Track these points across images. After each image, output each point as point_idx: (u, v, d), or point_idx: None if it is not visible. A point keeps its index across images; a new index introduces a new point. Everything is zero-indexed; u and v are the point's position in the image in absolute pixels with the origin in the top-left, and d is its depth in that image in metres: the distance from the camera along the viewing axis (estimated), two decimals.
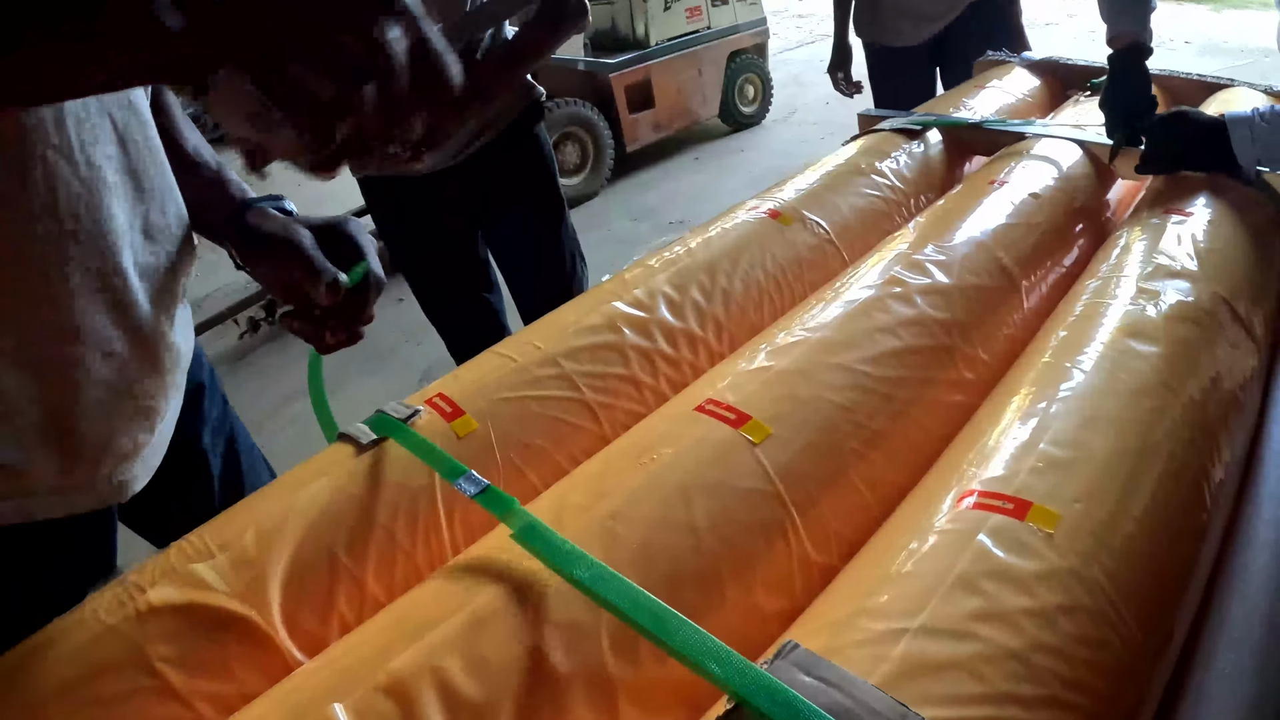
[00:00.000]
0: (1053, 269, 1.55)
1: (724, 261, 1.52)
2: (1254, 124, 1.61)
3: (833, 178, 1.80)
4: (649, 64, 6.15)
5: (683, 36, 6.36)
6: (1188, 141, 1.69)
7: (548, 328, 1.36)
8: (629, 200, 5.94)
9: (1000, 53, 2.82)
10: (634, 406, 1.27)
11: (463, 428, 1.16)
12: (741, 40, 6.76)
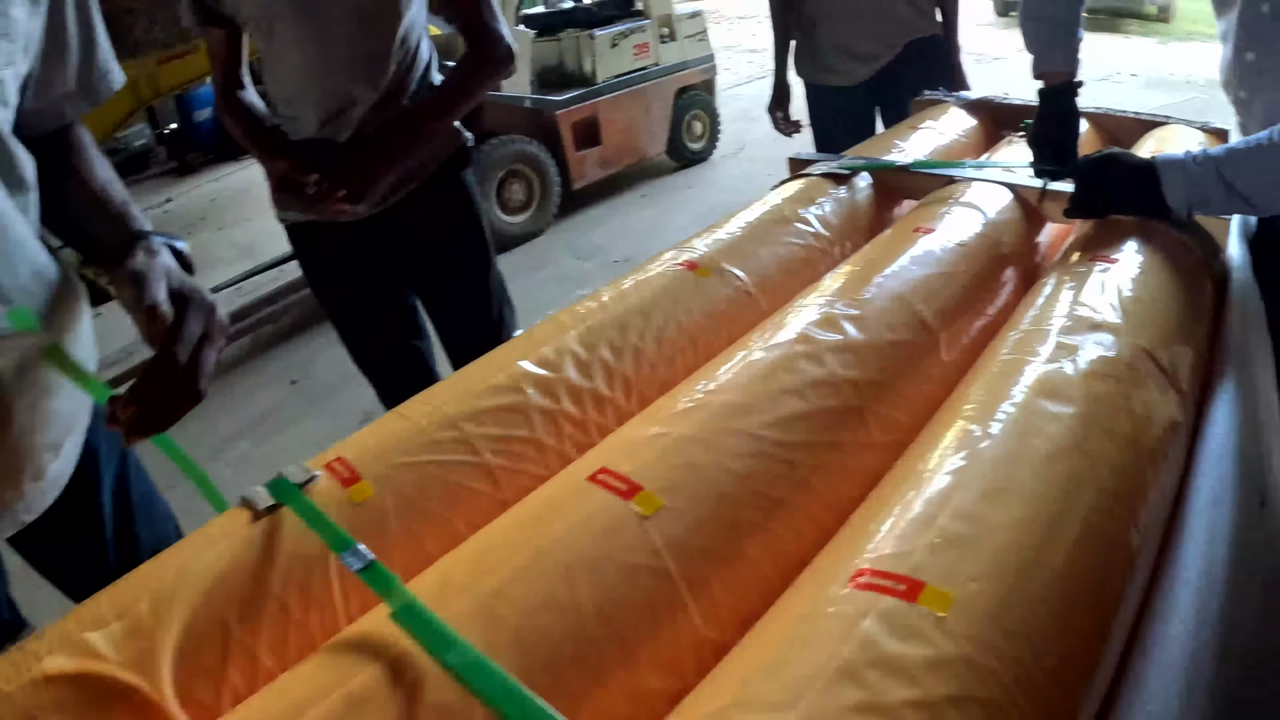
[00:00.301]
0: (976, 320, 1.52)
1: (636, 317, 1.48)
2: (1185, 167, 1.58)
3: (755, 227, 1.76)
4: (596, 101, 6.13)
5: (630, 73, 6.34)
6: (1117, 185, 1.65)
7: (453, 388, 1.33)
8: (575, 238, 5.90)
9: (937, 92, 2.81)
10: (537, 470, 1.23)
11: (359, 494, 1.12)
12: (689, 77, 6.75)
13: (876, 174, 2.05)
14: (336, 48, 2.04)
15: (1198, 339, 1.43)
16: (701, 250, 1.66)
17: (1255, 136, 1.56)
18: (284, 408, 4.09)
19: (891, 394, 1.29)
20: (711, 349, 1.49)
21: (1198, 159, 1.58)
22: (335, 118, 2.11)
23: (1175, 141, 2.26)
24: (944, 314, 1.44)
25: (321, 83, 2.08)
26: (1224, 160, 1.56)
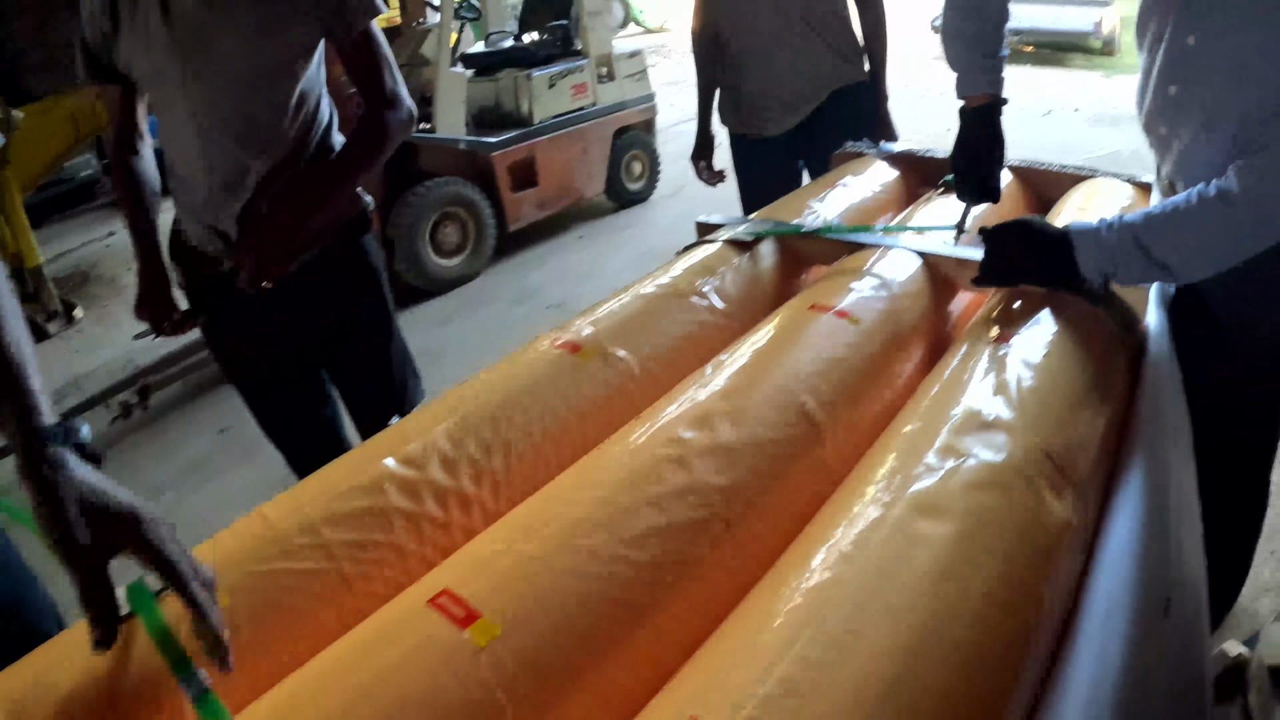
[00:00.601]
0: (869, 407, 1.43)
1: (509, 408, 1.40)
2: (1100, 236, 1.52)
3: (647, 302, 1.67)
4: (532, 142, 6.05)
5: (568, 114, 6.28)
6: (1029, 254, 1.58)
7: (316, 487, 1.26)
8: (510, 281, 5.82)
9: (860, 143, 2.74)
10: (397, 576, 1.16)
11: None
12: (628, 117, 6.70)
13: (784, 239, 1.97)
14: (227, 113, 1.98)
15: (1105, 424, 1.36)
16: (586, 330, 1.58)
17: (1172, 200, 1.50)
18: (213, 458, 3.98)
19: (763, 500, 1.20)
20: (589, 440, 1.40)
21: (1113, 226, 1.51)
22: (229, 185, 2.04)
23: (1102, 195, 2.20)
24: (832, 405, 1.36)
25: (213, 148, 2.01)
26: (1141, 227, 1.49)
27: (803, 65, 3.04)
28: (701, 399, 1.30)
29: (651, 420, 1.30)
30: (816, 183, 2.44)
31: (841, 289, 1.64)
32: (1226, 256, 1.49)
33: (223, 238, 2.09)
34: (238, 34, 1.93)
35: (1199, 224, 1.47)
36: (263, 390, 2.39)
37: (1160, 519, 1.25)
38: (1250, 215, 1.43)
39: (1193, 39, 1.59)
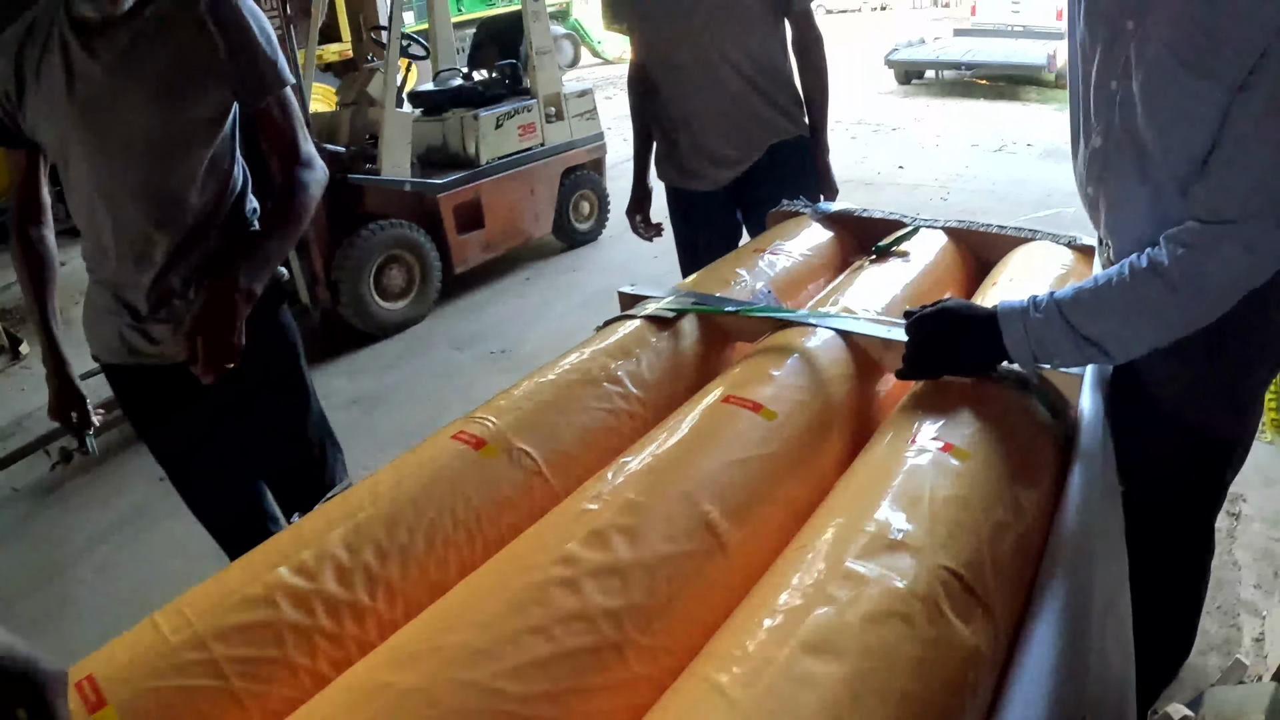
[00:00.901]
0: (780, 513, 1.37)
1: (408, 511, 1.34)
2: (1027, 317, 1.47)
3: (557, 390, 1.62)
4: (479, 183, 5.99)
5: (515, 154, 6.23)
6: (954, 341, 1.54)
7: (209, 597, 1.22)
8: (454, 326, 5.75)
9: (796, 201, 2.70)
10: (290, 693, 1.13)
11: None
12: (577, 156, 6.66)
13: (706, 314, 1.91)
14: (133, 184, 1.95)
15: (1027, 528, 1.31)
16: (491, 423, 1.51)
17: (1104, 275, 1.46)
18: (150, 507, 3.87)
19: (661, 623, 1.14)
20: (491, 544, 1.35)
21: (1040, 305, 1.47)
22: (138, 258, 2.01)
23: (1041, 259, 2.17)
24: (738, 513, 1.30)
25: (120, 220, 1.98)
26: (1069, 305, 1.45)
27: (739, 119, 3.00)
28: (598, 510, 1.24)
29: (544, 534, 1.25)
30: (746, 247, 2.40)
31: (759, 377, 1.58)
32: (1162, 335, 1.46)
33: (131, 311, 2.05)
34: (143, 103, 1.90)
35: (1130, 302, 1.43)
36: (181, 461, 2.35)
37: (1081, 630, 1.19)
38: (1186, 294, 1.40)
39: (1115, 84, 1.54)
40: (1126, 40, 1.48)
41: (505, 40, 6.78)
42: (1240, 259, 1.38)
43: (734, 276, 2.11)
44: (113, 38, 1.89)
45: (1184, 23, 1.37)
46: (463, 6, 16.80)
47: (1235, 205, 1.36)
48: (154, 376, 2.16)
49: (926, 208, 7.46)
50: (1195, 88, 1.38)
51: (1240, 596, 2.80)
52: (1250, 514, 3.22)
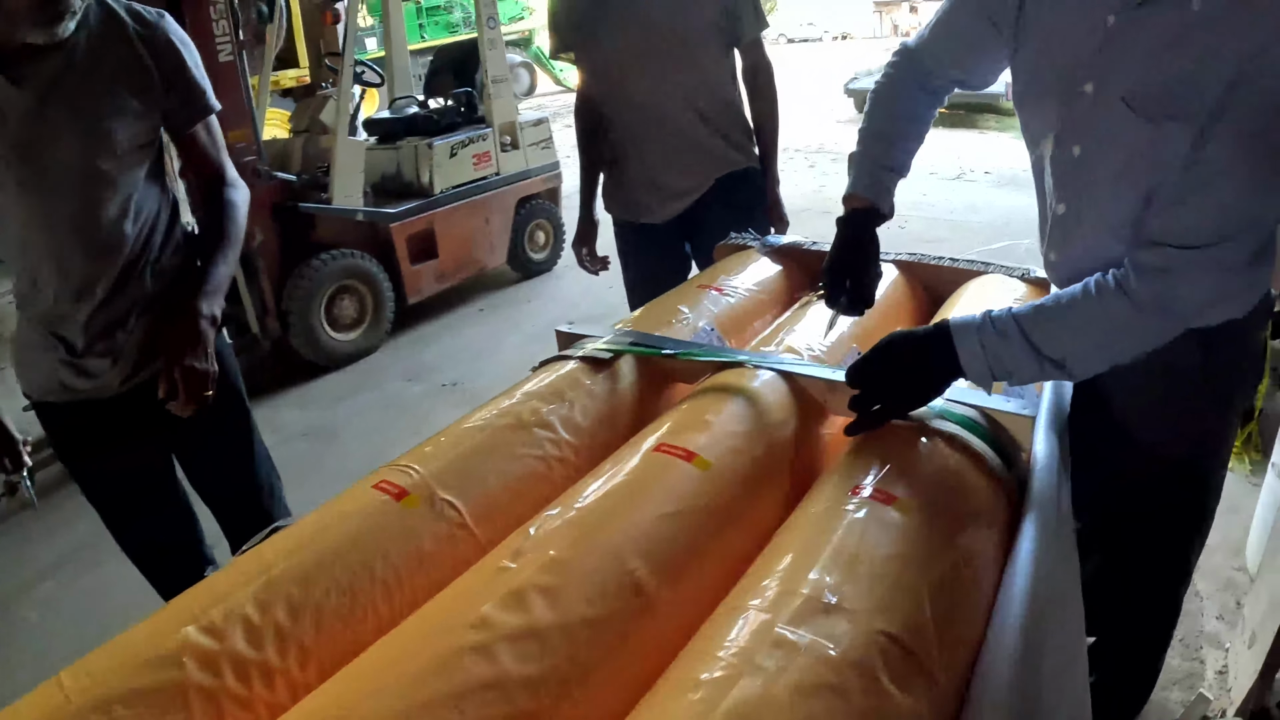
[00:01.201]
0: (714, 569, 1.30)
1: (324, 566, 1.27)
2: (984, 334, 1.44)
3: (486, 436, 1.55)
4: (432, 213, 5.94)
5: (469, 183, 6.18)
6: (904, 364, 1.50)
7: (115, 654, 1.16)
8: (407, 357, 5.69)
9: (744, 235, 2.65)
10: None
11: None
12: (532, 186, 6.62)
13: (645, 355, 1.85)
14: (67, 219, 1.91)
15: (972, 584, 1.26)
16: (415, 471, 1.45)
17: (1067, 293, 1.44)
18: (98, 541, 3.74)
19: (581, 691, 1.07)
20: (409, 601, 1.28)
21: (999, 322, 1.44)
22: (79, 292, 1.97)
23: (993, 292, 2.13)
24: (667, 571, 1.23)
25: (56, 255, 1.93)
26: (1030, 322, 1.43)
27: (687, 150, 2.96)
28: (518, 568, 1.17)
29: (460, 594, 1.18)
30: (690, 283, 2.35)
31: (694, 423, 1.52)
32: (1128, 354, 1.45)
33: (67, 346, 2.01)
34: (77, 132, 1.86)
35: (1096, 322, 1.43)
36: (116, 505, 2.29)
37: (1033, 693, 1.14)
38: (1155, 315, 1.40)
39: (1078, 149, 1.55)
40: (1085, 104, 1.51)
41: (462, 68, 6.75)
42: (1211, 279, 1.40)
43: (676, 314, 2.06)
44: (40, 65, 1.84)
45: (1147, 74, 1.40)
46: (425, 33, 16.79)
47: (1208, 231, 1.36)
48: (89, 412, 2.10)
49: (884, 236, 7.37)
50: (1161, 135, 1.40)
51: (1203, 629, 2.78)
52: (1212, 543, 3.17)
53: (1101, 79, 1.48)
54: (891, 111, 1.87)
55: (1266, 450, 3.36)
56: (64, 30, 1.82)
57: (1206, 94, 1.33)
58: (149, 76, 1.94)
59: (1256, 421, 3.72)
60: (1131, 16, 1.42)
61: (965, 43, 1.77)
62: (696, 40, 2.84)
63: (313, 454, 4.41)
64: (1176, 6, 1.35)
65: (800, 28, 27.35)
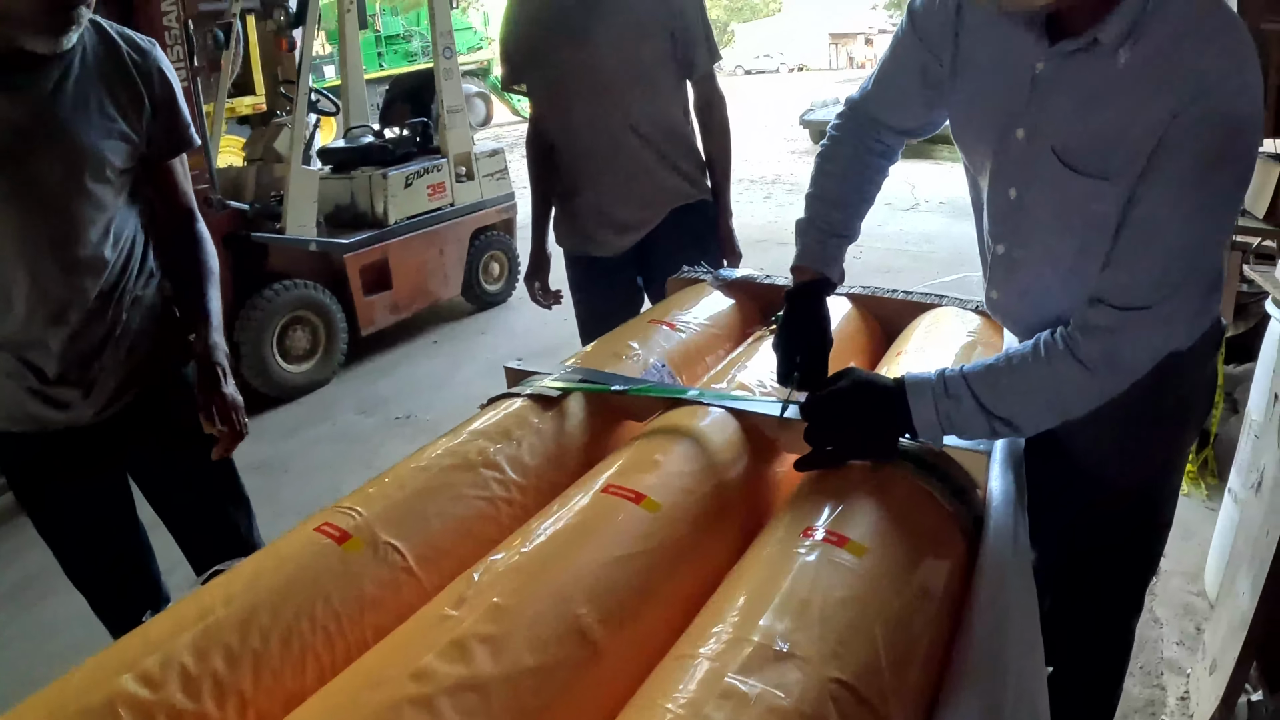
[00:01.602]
0: (664, 613, 1.28)
1: (264, 612, 1.23)
2: (937, 394, 1.45)
3: (431, 476, 1.51)
4: (386, 244, 5.91)
5: (424, 214, 6.16)
6: (858, 416, 1.50)
7: (48, 703, 1.12)
8: (360, 389, 5.64)
9: (696, 269, 2.63)
10: None
11: None
12: (487, 217, 6.61)
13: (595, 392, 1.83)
14: (46, 239, 1.86)
15: (929, 627, 1.24)
16: (358, 514, 1.41)
17: (1017, 351, 1.46)
18: (49, 572, 3.68)
19: None
20: (354, 647, 1.25)
21: (950, 383, 1.45)
22: (54, 315, 1.91)
23: (948, 325, 2.13)
24: (615, 617, 1.20)
25: (32, 276, 1.87)
26: (980, 384, 1.44)
27: (640, 183, 2.94)
28: (460, 615, 1.14)
29: (401, 643, 1.15)
30: (641, 318, 2.32)
31: (643, 464, 1.49)
32: (1077, 412, 1.46)
33: (37, 373, 1.95)
34: (68, 148, 1.84)
35: (1045, 383, 1.43)
36: (73, 539, 2.22)
37: None
38: (1103, 375, 1.41)
39: (1014, 191, 1.55)
40: (1018, 148, 1.51)
41: (418, 98, 6.75)
42: (1155, 336, 1.40)
43: (627, 349, 2.03)
44: (35, 76, 1.80)
45: (1076, 126, 1.41)
46: (384, 62, 16.80)
47: (1150, 291, 1.36)
48: (55, 443, 2.04)
49: None
50: (1092, 189, 1.40)
51: (1163, 655, 2.79)
52: (1170, 569, 3.21)
53: (1032, 126, 1.48)
54: (839, 174, 1.84)
55: (1223, 475, 3.38)
56: (68, 41, 1.78)
57: (1136, 153, 1.33)
58: (140, 103, 1.93)
59: (1212, 446, 3.75)
60: (1059, 65, 1.42)
61: (909, 93, 1.74)
62: (648, 73, 2.83)
63: (264, 488, 4.34)
64: (1103, 58, 1.35)
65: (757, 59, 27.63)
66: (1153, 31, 1.30)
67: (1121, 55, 1.32)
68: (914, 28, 1.65)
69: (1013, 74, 1.48)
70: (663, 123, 2.92)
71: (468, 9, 24.17)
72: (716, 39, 2.97)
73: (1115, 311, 1.37)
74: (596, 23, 2.76)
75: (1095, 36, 1.34)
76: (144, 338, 2.06)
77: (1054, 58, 1.42)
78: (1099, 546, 1.83)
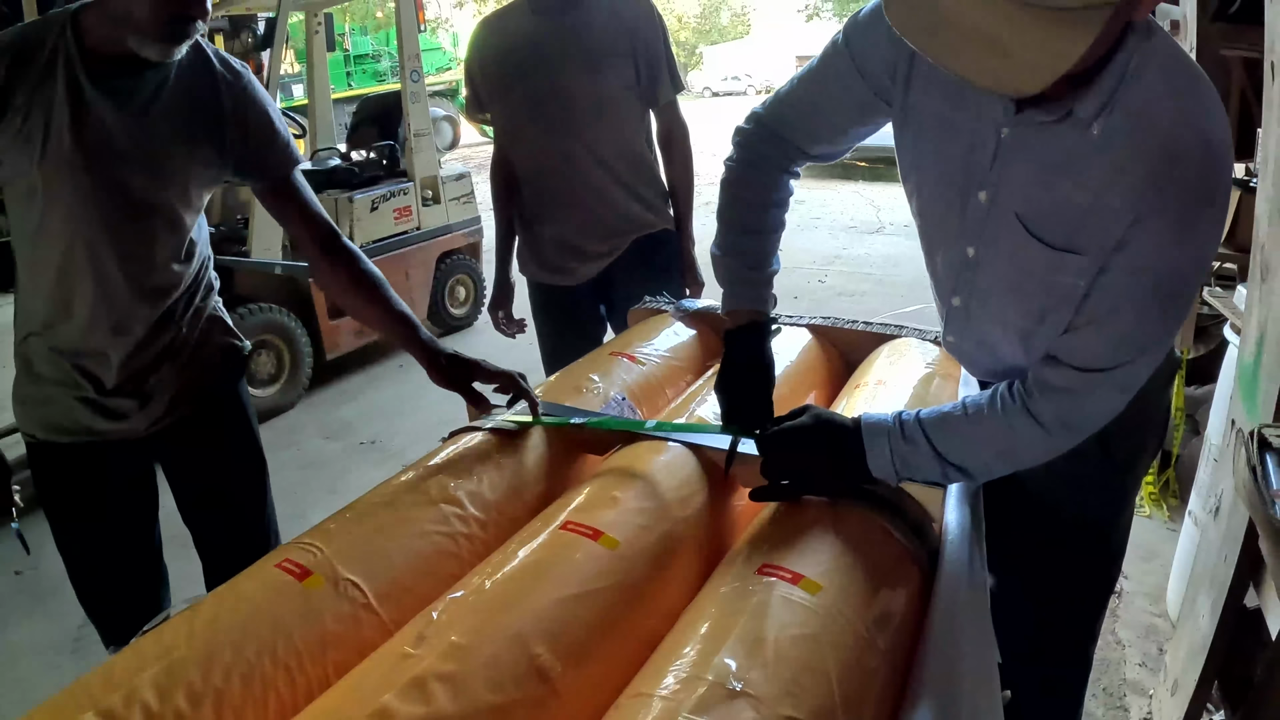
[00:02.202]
0: (620, 650, 1.29)
1: (225, 649, 1.23)
2: (892, 439, 1.47)
3: (392, 513, 1.52)
4: None
5: (390, 238, 6.16)
6: (815, 456, 1.51)
7: None
8: (325, 414, 5.63)
9: (658, 299, 2.65)
10: None
11: None
12: (453, 241, 6.62)
13: (555, 426, 1.85)
14: (121, 248, 1.85)
15: (884, 663, 1.24)
16: (318, 550, 1.41)
17: (973, 403, 1.47)
18: (3, 603, 3.70)
19: None
20: (315, 684, 1.25)
21: (907, 428, 1.46)
22: (115, 328, 1.89)
23: (907, 357, 2.14)
24: (572, 654, 1.21)
25: (101, 284, 1.85)
26: (936, 432, 1.46)
27: (603, 213, 2.96)
28: (419, 654, 1.15)
29: (361, 682, 1.15)
30: (603, 349, 2.34)
31: (601, 500, 1.51)
32: (1028, 462, 1.49)
33: (95, 383, 1.92)
34: (147, 167, 1.81)
35: (1000, 436, 1.45)
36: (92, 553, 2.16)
37: None
38: (1058, 433, 1.43)
39: (972, 250, 1.54)
40: (979, 210, 1.49)
41: (385, 120, 6.75)
42: (1112, 399, 1.41)
43: (587, 382, 2.05)
44: (134, 83, 1.78)
45: (1042, 197, 1.39)
46: (353, 81, 16.77)
47: (1108, 357, 1.37)
48: (103, 454, 2.01)
49: (804, 290, 7.55)
50: (1057, 260, 1.39)
51: (1126, 676, 2.81)
52: (1131, 590, 3.24)
53: (996, 190, 1.45)
54: (759, 204, 1.77)
55: (1184, 496, 3.43)
56: (179, 51, 1.77)
57: (1108, 230, 1.32)
58: (225, 124, 1.89)
59: (1174, 468, 3.80)
60: (1026, 131, 1.39)
61: (837, 126, 1.69)
62: (612, 103, 2.86)
63: None
64: (1075, 128, 1.32)
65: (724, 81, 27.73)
66: (1126, 102, 1.28)
67: (1095, 126, 1.30)
68: (852, 60, 1.57)
69: (974, 135, 1.46)
70: (626, 152, 2.95)
71: (437, 30, 24.22)
72: (685, 61, 3.03)
73: (1074, 372, 1.39)
74: (561, 53, 2.79)
75: (1071, 109, 1.31)
76: (201, 351, 2.05)
77: (1024, 124, 1.38)
78: (1053, 575, 1.85)
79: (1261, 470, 1.85)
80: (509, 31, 2.91)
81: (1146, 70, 1.27)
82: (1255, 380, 2.36)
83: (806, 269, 8.35)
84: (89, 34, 1.73)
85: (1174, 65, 1.30)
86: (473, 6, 35.78)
